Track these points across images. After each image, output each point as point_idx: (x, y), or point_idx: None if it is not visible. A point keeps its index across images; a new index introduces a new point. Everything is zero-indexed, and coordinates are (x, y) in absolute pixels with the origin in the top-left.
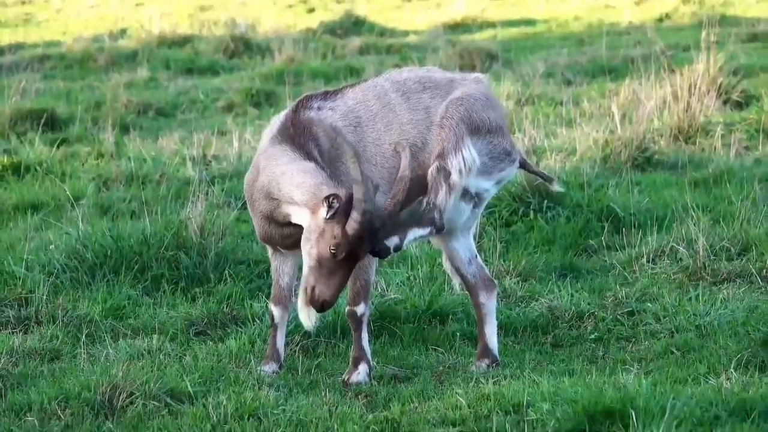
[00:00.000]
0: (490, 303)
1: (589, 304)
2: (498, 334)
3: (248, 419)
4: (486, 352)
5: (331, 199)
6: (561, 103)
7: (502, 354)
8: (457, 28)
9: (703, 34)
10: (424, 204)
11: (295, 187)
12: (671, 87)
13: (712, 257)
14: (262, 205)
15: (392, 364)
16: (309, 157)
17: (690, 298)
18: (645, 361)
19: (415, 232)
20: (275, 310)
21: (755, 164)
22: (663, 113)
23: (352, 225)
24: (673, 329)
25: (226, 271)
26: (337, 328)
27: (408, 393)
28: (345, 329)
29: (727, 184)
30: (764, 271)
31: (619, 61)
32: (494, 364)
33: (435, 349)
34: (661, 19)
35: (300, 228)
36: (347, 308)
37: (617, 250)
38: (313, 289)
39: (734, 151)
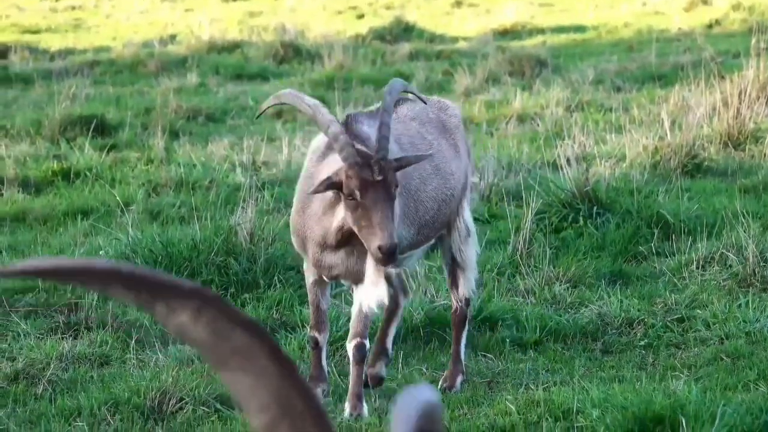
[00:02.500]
0: (403, 306)
1: (638, 310)
2: (547, 340)
3: None
4: (385, 351)
5: (325, 183)
6: (610, 110)
7: (552, 360)
8: (506, 34)
9: (753, 40)
10: None
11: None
12: (721, 93)
13: (762, 264)
14: (315, 231)
15: (442, 371)
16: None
17: (740, 305)
18: (695, 367)
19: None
20: (319, 336)
21: None
22: (712, 120)
23: (342, 159)
24: (722, 336)
25: (276, 277)
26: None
27: (457, 399)
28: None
29: None
30: None
31: (669, 68)
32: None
33: (484, 355)
34: (710, 26)
35: (349, 255)
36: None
37: (667, 257)
38: (370, 249)
39: None
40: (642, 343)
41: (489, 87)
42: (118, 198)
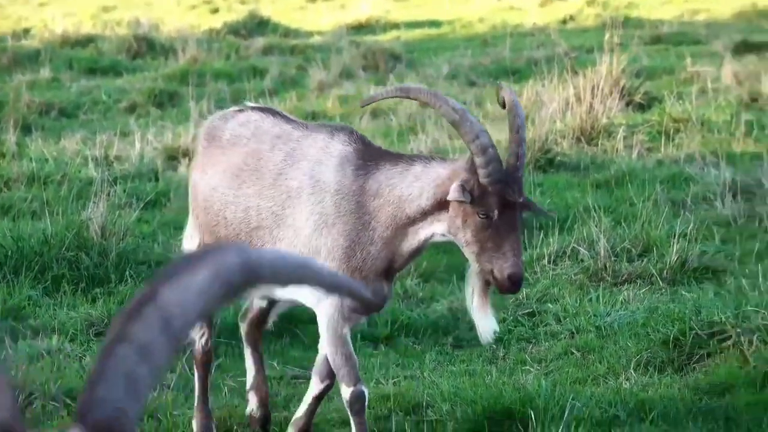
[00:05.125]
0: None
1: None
2: (398, 334)
3: (147, 420)
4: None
5: (464, 184)
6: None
7: (403, 355)
8: (361, 29)
9: (607, 36)
10: None
11: (418, 197)
12: (574, 89)
13: (613, 258)
14: (380, 257)
15: (293, 365)
16: (398, 159)
17: (590, 299)
18: (545, 361)
19: None
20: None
21: (657, 166)
22: (566, 115)
23: (485, 174)
24: (573, 330)
25: (127, 272)
26: (237, 329)
27: None
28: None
29: (629, 186)
30: (664, 272)
31: (523, 63)
32: None
33: None
34: (565, 21)
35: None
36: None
37: None
38: (492, 273)
39: (636, 152)
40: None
41: (343, 82)
42: None
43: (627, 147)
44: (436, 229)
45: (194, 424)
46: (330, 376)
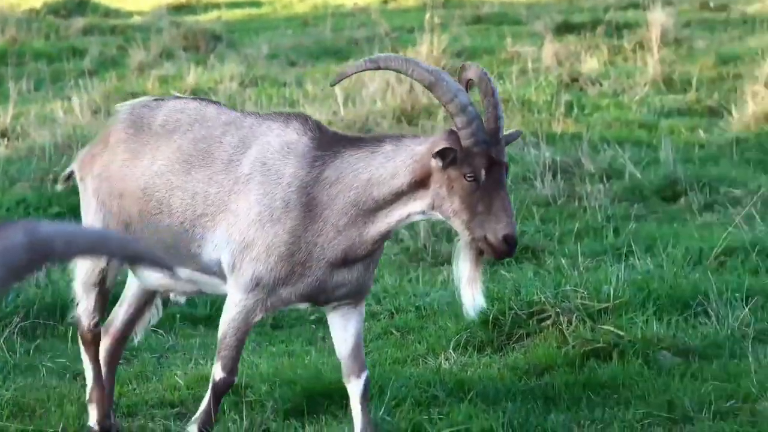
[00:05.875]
0: None
1: None
2: (218, 315)
3: None
4: None
5: (444, 153)
6: (285, 85)
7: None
8: (181, 9)
9: (427, 15)
10: None
11: (391, 177)
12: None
13: (432, 238)
14: (335, 245)
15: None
16: (361, 142)
17: (410, 280)
18: (365, 341)
19: None
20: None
21: None
22: (386, 95)
23: (467, 135)
24: (393, 310)
25: None
26: (56, 309)
27: (127, 375)
28: (64, 309)
29: None
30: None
31: (344, 43)
32: None
33: (155, 331)
34: (386, 1)
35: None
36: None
37: None
38: (485, 239)
39: None
40: (312, 317)
41: (163, 62)
42: None
43: (447, 127)
44: (412, 208)
45: (91, 412)
46: (363, 368)
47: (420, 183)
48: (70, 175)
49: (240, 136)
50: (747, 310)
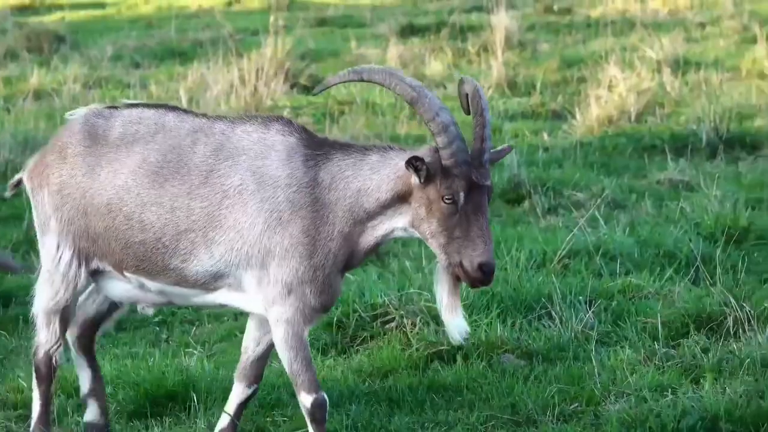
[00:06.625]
0: None
1: None
2: None
3: None
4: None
5: (414, 163)
6: (129, 86)
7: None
8: (25, 10)
9: (272, 18)
10: None
11: (376, 189)
12: (239, 71)
13: None
14: (340, 252)
15: None
16: (350, 148)
17: None
18: (208, 343)
19: None
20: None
21: None
22: (230, 97)
23: (448, 155)
24: (237, 312)
25: None
26: None
27: None
28: None
29: None
30: None
31: (188, 45)
32: None
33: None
34: (230, 3)
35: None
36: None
37: None
38: (461, 265)
39: None
40: (156, 319)
41: (7, 63)
42: None
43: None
44: (396, 223)
45: None
46: (257, 379)
47: (402, 198)
48: (19, 183)
49: (213, 143)
50: (590, 312)
